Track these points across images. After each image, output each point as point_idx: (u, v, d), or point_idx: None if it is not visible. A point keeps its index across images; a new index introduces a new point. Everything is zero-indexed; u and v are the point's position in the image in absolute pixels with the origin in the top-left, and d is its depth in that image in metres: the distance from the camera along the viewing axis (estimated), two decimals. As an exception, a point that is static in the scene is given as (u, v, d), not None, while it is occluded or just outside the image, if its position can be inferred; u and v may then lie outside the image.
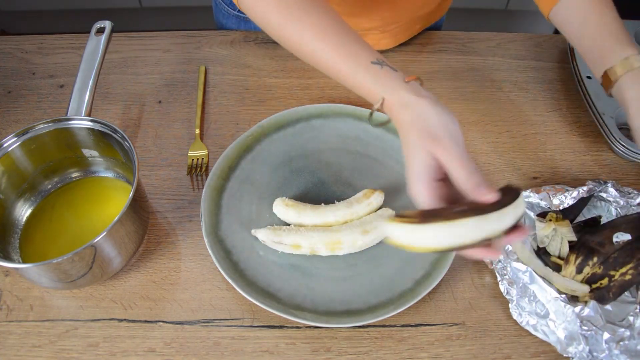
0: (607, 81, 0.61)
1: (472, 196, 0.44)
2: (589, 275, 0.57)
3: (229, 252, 0.60)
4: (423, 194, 0.46)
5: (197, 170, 0.69)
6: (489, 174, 0.70)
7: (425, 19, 0.84)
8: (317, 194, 0.66)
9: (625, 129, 0.74)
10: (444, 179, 0.47)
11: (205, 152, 0.70)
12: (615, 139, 0.69)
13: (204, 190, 0.64)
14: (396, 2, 0.76)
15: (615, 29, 0.62)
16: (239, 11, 0.87)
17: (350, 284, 0.59)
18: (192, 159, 0.70)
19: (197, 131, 0.72)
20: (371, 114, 0.53)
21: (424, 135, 0.47)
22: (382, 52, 0.84)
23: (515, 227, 0.43)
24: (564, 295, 0.55)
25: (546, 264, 0.59)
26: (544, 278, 0.56)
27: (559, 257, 0.60)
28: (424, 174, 0.46)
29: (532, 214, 0.63)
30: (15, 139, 0.59)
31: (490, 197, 0.43)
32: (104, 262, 0.54)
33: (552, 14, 0.67)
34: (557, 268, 0.59)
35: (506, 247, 0.59)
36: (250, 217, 0.64)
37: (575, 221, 0.62)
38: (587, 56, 0.64)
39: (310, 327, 0.56)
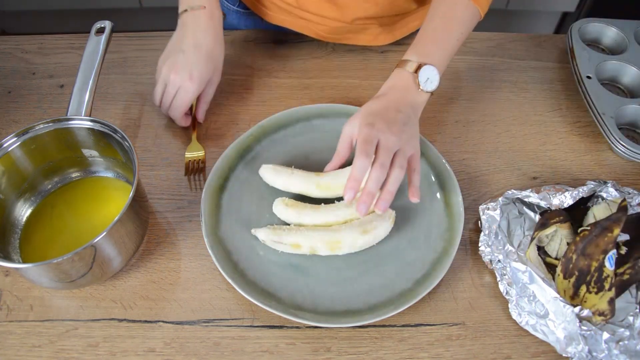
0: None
1: None
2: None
3: (229, 252, 0.60)
4: None
5: (195, 172, 0.69)
6: (489, 174, 0.70)
7: (423, 15, 0.83)
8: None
9: (625, 129, 0.74)
10: None
11: (202, 153, 0.70)
12: (616, 138, 0.69)
13: (204, 190, 0.64)
14: None
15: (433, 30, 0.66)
16: (238, 6, 0.87)
17: (350, 283, 0.59)
18: (189, 160, 0.70)
19: (194, 132, 0.72)
20: None
21: None
22: (381, 48, 0.84)
23: None
24: (563, 295, 0.55)
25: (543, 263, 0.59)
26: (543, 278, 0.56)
27: (556, 258, 0.60)
28: None
29: (532, 214, 0.63)
30: (15, 139, 0.59)
31: None
32: (104, 262, 0.54)
33: None
34: (553, 269, 0.59)
35: (507, 247, 0.59)
36: (250, 217, 0.64)
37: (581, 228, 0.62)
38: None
39: (310, 327, 0.56)
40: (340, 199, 0.64)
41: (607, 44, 0.84)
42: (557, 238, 0.60)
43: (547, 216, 0.60)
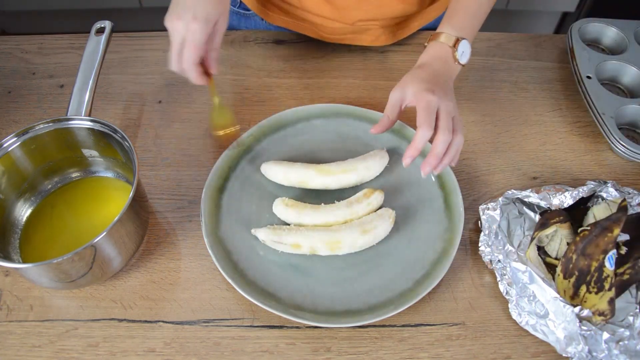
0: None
1: None
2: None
3: (229, 252, 0.60)
4: None
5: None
6: (489, 174, 0.70)
7: (424, 16, 0.84)
8: (317, 194, 0.66)
9: (625, 129, 0.74)
10: None
11: (232, 126, 0.69)
12: (616, 139, 0.69)
13: (204, 190, 0.64)
14: None
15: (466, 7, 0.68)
16: (238, 7, 0.87)
17: (350, 283, 0.59)
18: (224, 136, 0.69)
19: (217, 99, 0.67)
20: None
21: None
22: (381, 48, 0.84)
23: None
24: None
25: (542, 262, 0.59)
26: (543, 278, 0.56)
27: (556, 258, 0.60)
28: None
29: (532, 214, 0.63)
30: (15, 139, 0.59)
31: None
32: (104, 262, 0.54)
33: None
34: (553, 269, 0.59)
35: (507, 247, 0.59)
36: (250, 217, 0.64)
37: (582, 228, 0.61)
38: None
39: (310, 327, 0.56)
40: (339, 197, 0.64)
41: (607, 44, 0.84)
42: (557, 238, 0.60)
43: (547, 216, 0.60)
